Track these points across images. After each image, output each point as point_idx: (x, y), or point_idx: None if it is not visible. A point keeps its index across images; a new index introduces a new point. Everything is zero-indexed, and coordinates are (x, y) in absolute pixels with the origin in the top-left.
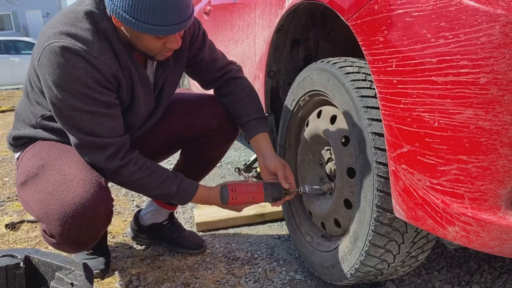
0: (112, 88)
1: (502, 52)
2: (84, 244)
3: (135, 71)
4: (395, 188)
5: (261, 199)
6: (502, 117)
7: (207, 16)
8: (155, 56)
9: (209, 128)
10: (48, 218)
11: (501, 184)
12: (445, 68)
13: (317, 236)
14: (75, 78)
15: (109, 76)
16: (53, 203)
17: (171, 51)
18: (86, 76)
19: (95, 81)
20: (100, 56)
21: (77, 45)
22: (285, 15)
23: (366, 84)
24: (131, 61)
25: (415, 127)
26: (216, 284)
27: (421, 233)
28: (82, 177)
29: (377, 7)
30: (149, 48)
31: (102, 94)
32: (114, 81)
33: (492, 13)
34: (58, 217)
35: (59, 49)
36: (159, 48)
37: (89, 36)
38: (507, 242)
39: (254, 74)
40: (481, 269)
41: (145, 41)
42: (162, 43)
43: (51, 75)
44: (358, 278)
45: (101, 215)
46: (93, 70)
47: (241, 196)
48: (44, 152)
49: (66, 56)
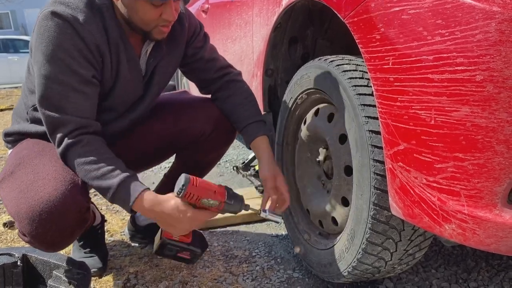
0: (94, 62)
1: (498, 50)
2: (56, 244)
3: (123, 50)
4: (391, 186)
5: (222, 198)
6: (498, 115)
7: (205, 14)
8: (152, 32)
9: (203, 132)
10: (19, 216)
11: (497, 181)
12: (442, 66)
13: (315, 234)
14: (58, 42)
15: (93, 47)
16: (23, 201)
17: (168, 26)
18: (68, 42)
19: (77, 49)
20: (87, 25)
21: (67, 11)
22: (282, 13)
23: (363, 82)
24: (121, 40)
25: (412, 124)
26: (213, 282)
27: (418, 231)
28: (54, 176)
29: (374, 4)
30: (145, 20)
31: (80, 65)
32: (98, 55)
33: (488, 10)
34: (26, 216)
35: (49, 13)
36: (155, 19)
37: (81, 5)
38: (503, 240)
39: (252, 72)
40: (478, 267)
41: (141, 12)
42: (158, 14)
43: (37, 39)
44: (355, 276)
45: (72, 214)
46: (77, 37)
47: (202, 185)
48: (25, 150)
49: (54, 20)
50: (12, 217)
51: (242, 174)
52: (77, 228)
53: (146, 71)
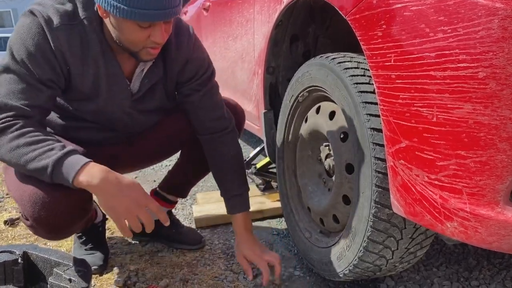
0: (56, 67)
1: (501, 46)
2: (57, 229)
3: (103, 65)
4: (393, 183)
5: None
6: (501, 112)
7: (207, 12)
8: (140, 53)
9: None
10: (22, 199)
11: (500, 179)
12: (444, 63)
13: (316, 232)
14: (24, 37)
15: (58, 53)
16: (27, 185)
17: (157, 48)
18: (34, 40)
19: (40, 49)
20: (58, 31)
21: (44, 12)
22: (283, 10)
23: (365, 79)
24: (102, 55)
25: (414, 122)
26: (214, 280)
27: (420, 229)
28: None
29: (376, 1)
30: (132, 41)
31: (38, 65)
32: (63, 63)
33: (491, 7)
34: (30, 198)
35: (28, 10)
36: (142, 41)
37: (62, 12)
38: (505, 238)
39: (253, 70)
40: (480, 266)
41: (127, 33)
42: (146, 36)
43: (13, 32)
44: (356, 274)
45: (75, 198)
46: (44, 39)
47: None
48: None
49: (30, 18)
50: (16, 201)
51: None
52: (79, 215)
53: (139, 89)
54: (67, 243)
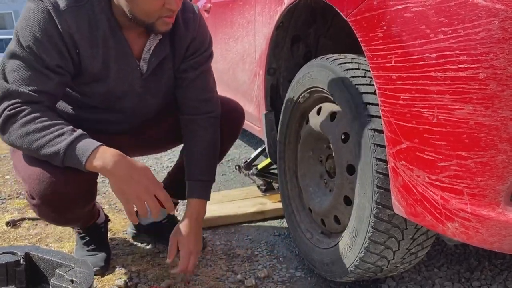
0: (64, 51)
1: (502, 47)
2: (62, 210)
3: (113, 45)
4: (394, 184)
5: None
6: (502, 113)
7: (208, 13)
8: (156, 24)
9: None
10: (30, 178)
11: (500, 179)
12: (444, 64)
13: (317, 233)
14: (31, 23)
15: (66, 36)
16: (35, 165)
17: (171, 17)
18: (41, 26)
19: (47, 34)
20: (66, 14)
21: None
22: (285, 11)
23: (366, 80)
24: (111, 34)
25: (414, 123)
26: (216, 281)
27: (421, 230)
28: None
29: (376, 2)
30: (147, 11)
31: (46, 51)
32: (72, 46)
33: (492, 8)
34: (37, 176)
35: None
36: (157, 9)
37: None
38: (506, 238)
39: (254, 71)
40: (481, 266)
41: (143, 3)
42: (161, 4)
43: (19, 18)
44: (357, 275)
45: (81, 179)
46: (51, 23)
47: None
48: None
49: (35, 3)
50: (23, 180)
51: (244, 173)
52: (84, 197)
53: (147, 68)
54: (69, 244)
